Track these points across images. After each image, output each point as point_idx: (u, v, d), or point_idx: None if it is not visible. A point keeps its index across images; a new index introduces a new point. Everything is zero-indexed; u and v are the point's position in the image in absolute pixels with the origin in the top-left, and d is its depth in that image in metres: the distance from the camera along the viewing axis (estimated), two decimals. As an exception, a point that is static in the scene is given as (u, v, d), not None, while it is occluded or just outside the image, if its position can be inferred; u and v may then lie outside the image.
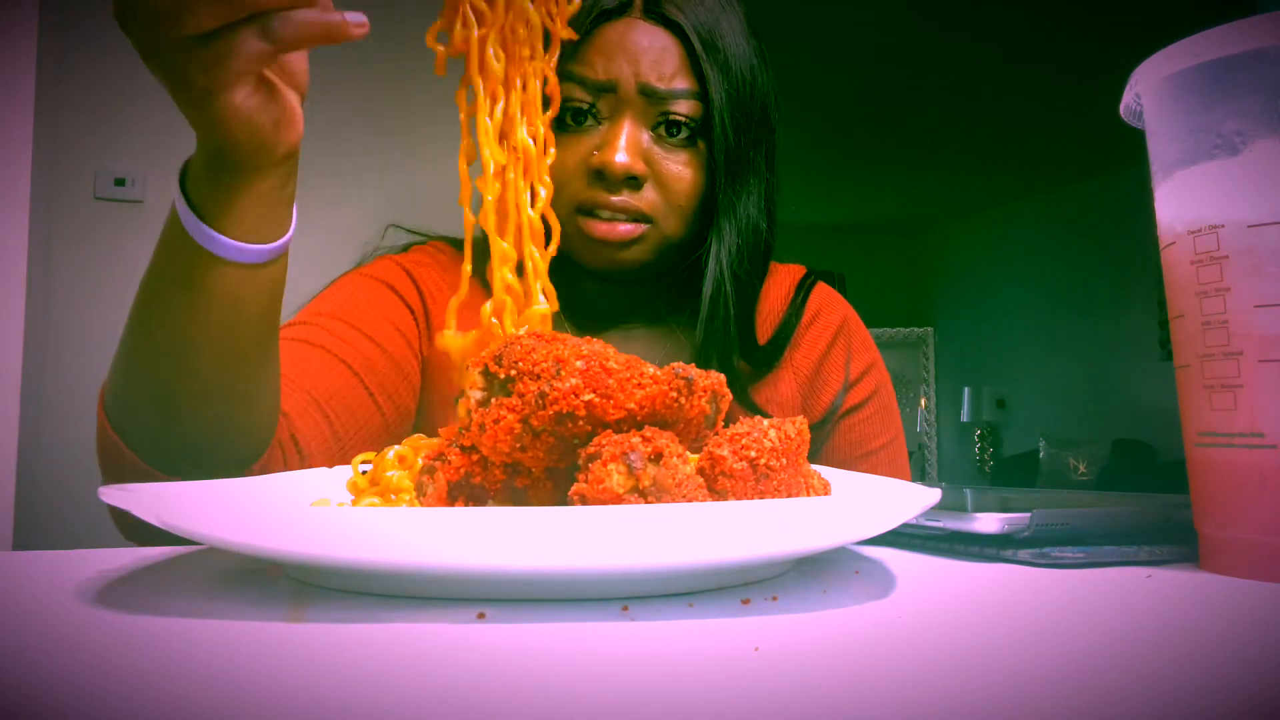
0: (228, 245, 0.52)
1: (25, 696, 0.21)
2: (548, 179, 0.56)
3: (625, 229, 0.72)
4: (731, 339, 0.77)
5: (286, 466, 0.62)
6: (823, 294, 0.89)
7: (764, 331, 0.83)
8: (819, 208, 6.38)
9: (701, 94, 0.73)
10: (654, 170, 0.73)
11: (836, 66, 4.12)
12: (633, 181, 0.72)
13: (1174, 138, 0.41)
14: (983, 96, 4.49)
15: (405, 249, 0.85)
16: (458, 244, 0.86)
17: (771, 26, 0.82)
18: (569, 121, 0.73)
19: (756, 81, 0.77)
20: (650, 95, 0.72)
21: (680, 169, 0.74)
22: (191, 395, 0.54)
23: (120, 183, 2.30)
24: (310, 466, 0.65)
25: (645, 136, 0.73)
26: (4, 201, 2.00)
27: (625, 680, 0.23)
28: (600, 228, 0.72)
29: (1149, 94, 0.43)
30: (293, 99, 0.51)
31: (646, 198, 0.73)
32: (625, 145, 0.71)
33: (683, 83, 0.73)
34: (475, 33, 0.54)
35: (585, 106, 0.73)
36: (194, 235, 0.52)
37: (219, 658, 0.25)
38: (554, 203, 0.69)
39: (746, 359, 0.79)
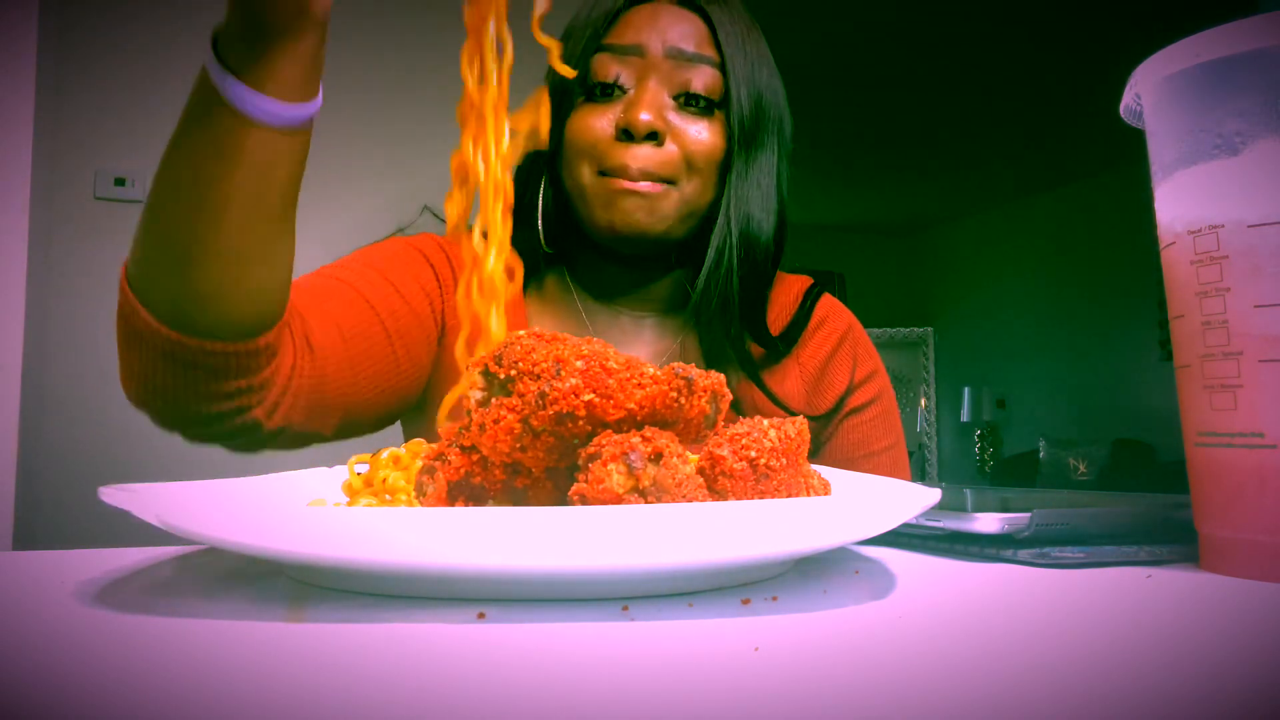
0: (260, 104, 0.53)
1: (25, 696, 0.21)
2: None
3: (647, 186, 0.75)
4: (734, 317, 0.80)
5: (296, 360, 0.64)
6: (829, 303, 0.92)
7: (773, 331, 0.86)
8: (819, 208, 6.38)
9: (722, 66, 0.78)
10: (675, 130, 0.77)
11: (836, 66, 4.12)
12: (654, 138, 0.76)
13: (1174, 138, 0.41)
14: (983, 96, 4.49)
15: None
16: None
17: (772, 26, 0.83)
18: (598, 94, 0.78)
19: (768, 79, 0.81)
20: (676, 57, 0.77)
21: (699, 131, 0.77)
22: (212, 252, 0.55)
23: (120, 182, 2.30)
24: (323, 370, 0.66)
25: (668, 102, 0.77)
26: (4, 201, 2.00)
27: (625, 680, 0.23)
28: (624, 184, 0.75)
29: (1149, 94, 0.43)
30: None
31: (668, 157, 0.76)
32: (648, 103, 0.75)
33: (704, 50, 0.78)
34: (500, 66, 0.56)
35: (611, 80, 0.77)
36: (229, 96, 0.53)
37: (219, 658, 0.25)
38: (579, 169, 0.78)
39: (758, 341, 0.82)
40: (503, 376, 0.37)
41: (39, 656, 0.25)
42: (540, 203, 0.81)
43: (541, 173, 0.81)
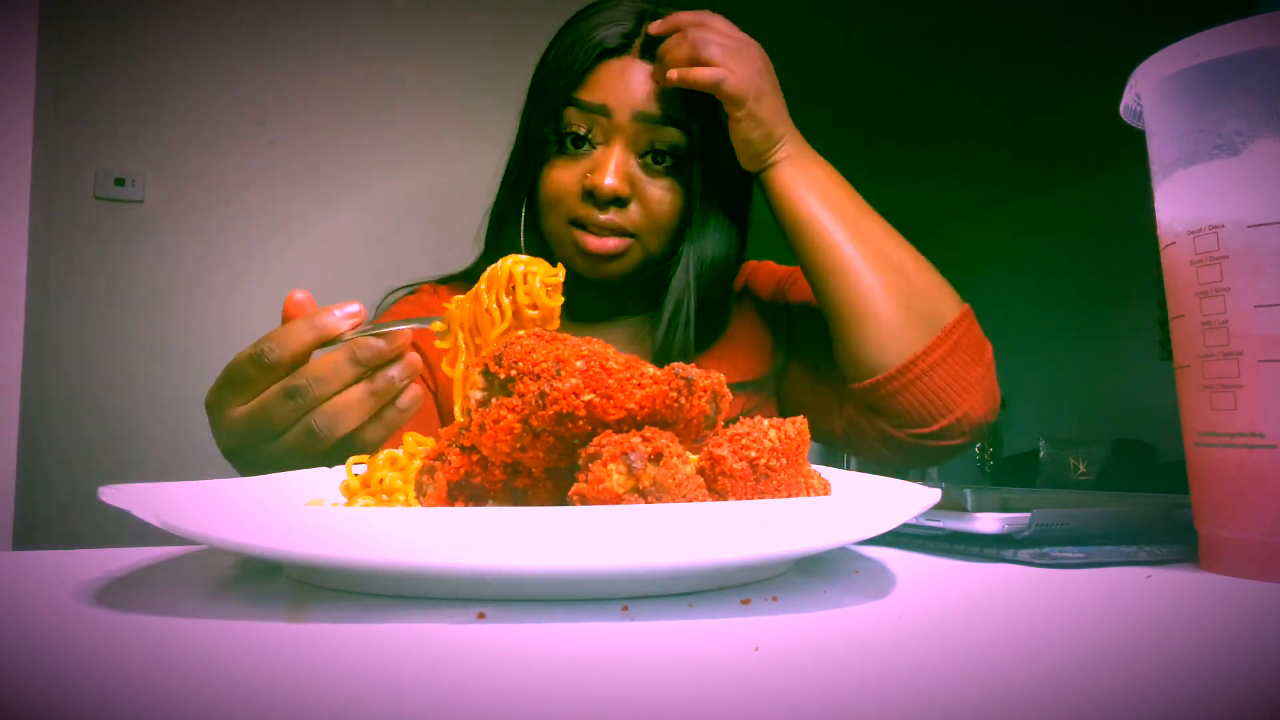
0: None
1: (25, 696, 0.21)
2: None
3: (613, 244, 0.80)
4: (689, 339, 0.84)
5: None
6: (769, 266, 0.97)
7: (749, 318, 0.92)
8: (819, 208, 6.36)
9: (689, 126, 0.80)
10: (639, 192, 0.81)
11: (836, 67, 4.12)
12: (619, 201, 0.80)
13: (1174, 138, 0.41)
14: (983, 96, 4.48)
15: (412, 290, 0.94)
16: (448, 279, 0.95)
17: (771, 27, 0.83)
18: (569, 146, 0.81)
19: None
20: (643, 119, 0.79)
21: (662, 194, 0.81)
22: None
23: (120, 183, 2.30)
24: None
25: (633, 162, 0.81)
26: (4, 201, 2.00)
27: (625, 680, 0.23)
28: (591, 241, 0.80)
29: (1149, 94, 0.43)
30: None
31: (631, 217, 0.81)
32: (614, 170, 0.79)
33: (674, 111, 0.80)
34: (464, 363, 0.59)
35: (583, 132, 0.80)
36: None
37: (219, 658, 0.25)
38: (550, 217, 0.83)
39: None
40: (503, 376, 0.37)
41: (39, 656, 0.25)
42: (522, 236, 0.86)
43: (519, 208, 0.86)
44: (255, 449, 0.55)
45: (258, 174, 2.36)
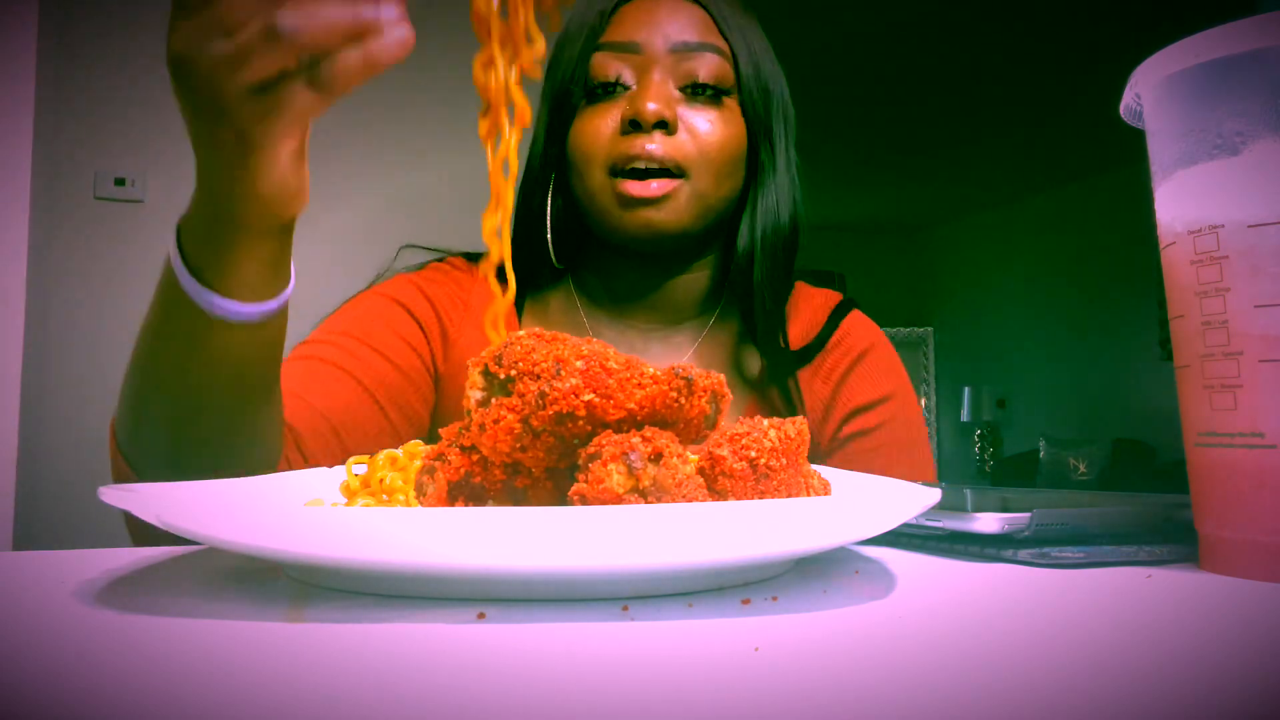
0: (229, 308, 0.52)
1: (25, 696, 0.21)
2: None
3: (658, 185, 0.72)
4: (778, 321, 0.78)
5: (290, 468, 0.63)
6: (855, 320, 0.87)
7: (793, 342, 0.83)
8: (819, 208, 6.37)
9: (728, 55, 0.76)
10: (686, 124, 0.74)
11: (836, 67, 4.12)
12: (664, 127, 0.73)
13: (1174, 138, 0.41)
14: (983, 96, 4.49)
15: (420, 267, 0.86)
16: (473, 258, 0.88)
17: (771, 27, 0.83)
18: (599, 94, 0.76)
19: (773, 70, 0.80)
20: (679, 50, 0.75)
21: (709, 122, 0.75)
22: (197, 433, 0.55)
23: (120, 183, 2.30)
24: (317, 464, 0.66)
25: (675, 93, 0.75)
26: (4, 201, 2.00)
27: (625, 680, 0.23)
28: (634, 186, 0.72)
29: (1149, 94, 0.43)
30: (306, 170, 0.52)
31: (679, 145, 0.73)
32: (654, 93, 0.73)
33: (711, 39, 0.75)
34: (508, 75, 0.52)
35: (614, 79, 0.75)
36: (194, 298, 0.52)
37: (219, 658, 0.25)
38: (587, 171, 0.75)
39: (772, 350, 0.79)
40: (503, 376, 0.37)
41: (39, 656, 0.25)
42: (549, 214, 0.79)
43: (548, 183, 0.79)
44: (198, 48, 0.45)
45: (258, 174, 2.36)
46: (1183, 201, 0.41)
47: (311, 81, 0.46)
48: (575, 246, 0.82)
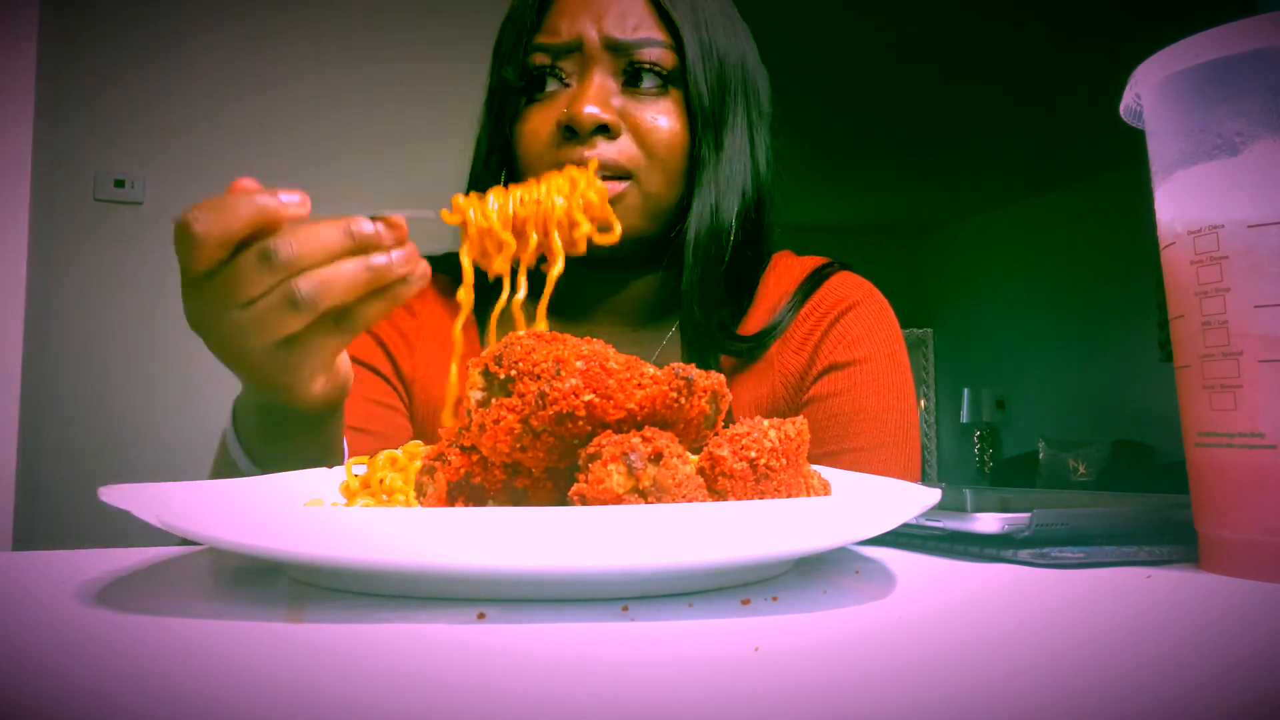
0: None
1: (25, 696, 0.21)
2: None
3: (606, 185, 0.66)
4: (714, 323, 0.73)
5: None
6: (840, 284, 0.80)
7: (760, 321, 0.78)
8: (819, 209, 6.38)
9: (671, 44, 0.71)
10: (628, 122, 0.70)
11: (836, 67, 4.12)
12: (605, 131, 0.69)
13: (1174, 138, 0.41)
14: (983, 97, 4.49)
15: None
16: (436, 260, 0.86)
17: (770, 27, 0.83)
18: (538, 93, 0.72)
19: (730, 40, 0.74)
20: (616, 48, 0.70)
21: (655, 119, 0.70)
22: None
23: (120, 184, 2.30)
24: None
25: (614, 88, 0.70)
26: (4, 203, 2.00)
27: (625, 680, 0.23)
28: None
29: (1149, 94, 0.43)
30: (346, 360, 0.55)
31: (624, 149, 0.69)
32: (593, 95, 0.69)
33: (649, 31, 0.71)
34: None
35: (549, 68, 0.71)
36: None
37: (219, 658, 0.25)
38: (530, 175, 0.68)
39: (726, 349, 0.74)
40: (503, 376, 0.37)
41: (39, 656, 0.25)
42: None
43: (499, 183, 0.75)
44: (218, 315, 0.47)
45: (258, 174, 2.36)
46: (1183, 201, 0.41)
47: (337, 328, 0.49)
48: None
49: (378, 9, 2.51)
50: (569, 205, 0.57)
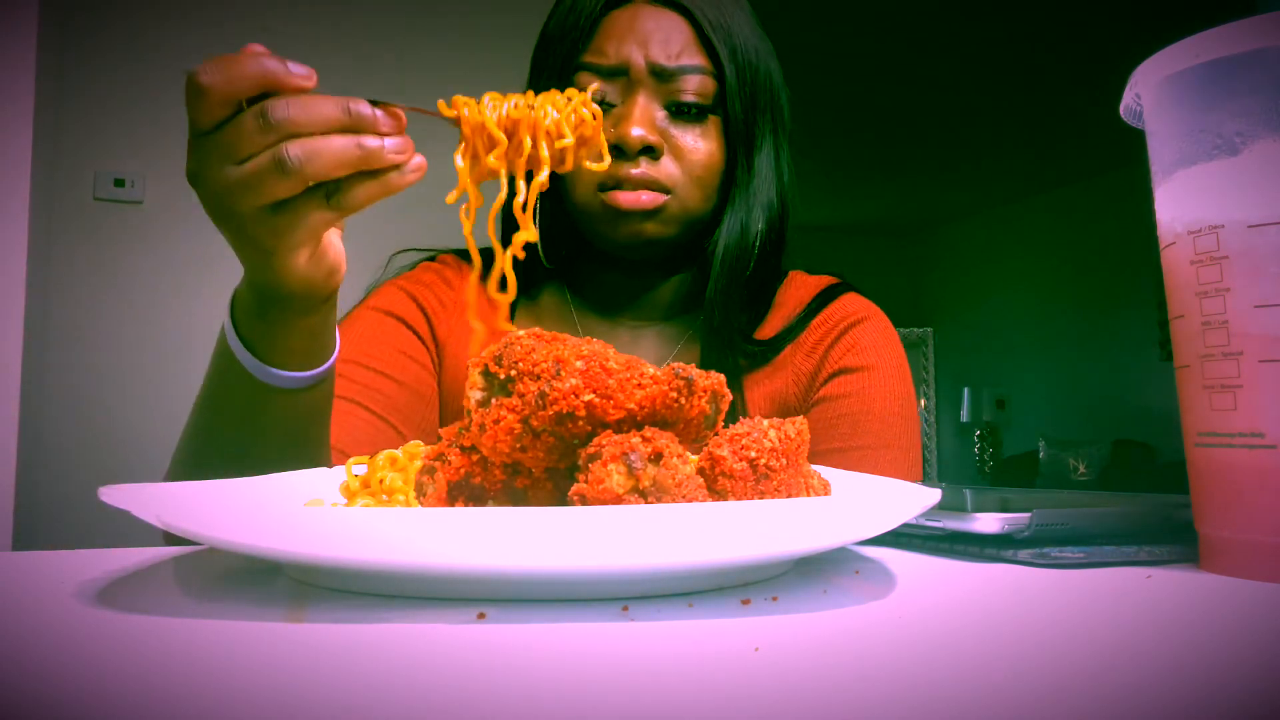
0: (282, 376, 0.57)
1: (25, 696, 0.21)
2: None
3: (648, 198, 0.74)
4: (734, 327, 0.78)
5: None
6: (849, 301, 0.86)
7: (773, 329, 0.84)
8: (819, 209, 6.38)
9: (712, 71, 0.76)
10: (670, 144, 0.75)
11: (835, 67, 4.12)
12: (650, 152, 0.74)
13: (1174, 138, 0.41)
14: (983, 97, 4.49)
15: (412, 267, 0.88)
16: (464, 255, 0.89)
17: (770, 27, 0.83)
18: None
19: (761, 61, 0.79)
20: (660, 74, 0.75)
21: (695, 141, 0.76)
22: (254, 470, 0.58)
23: (120, 184, 2.30)
24: None
25: (660, 114, 0.75)
26: (4, 203, 2.00)
27: (625, 680, 0.23)
28: (624, 198, 0.74)
29: (1149, 94, 0.43)
30: (339, 244, 0.57)
31: (665, 169, 0.75)
32: (639, 118, 0.74)
33: (691, 59, 0.75)
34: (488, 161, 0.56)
35: (599, 99, 0.74)
36: (247, 367, 0.57)
37: (219, 658, 0.25)
38: (576, 189, 0.76)
39: (742, 351, 0.80)
40: (503, 377, 0.37)
41: (39, 656, 0.25)
42: (538, 218, 0.77)
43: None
44: (212, 171, 0.48)
45: (258, 174, 2.35)
46: (1183, 202, 0.41)
47: (329, 202, 0.50)
48: (566, 249, 0.83)
49: (379, 9, 2.51)
50: (560, 118, 0.56)
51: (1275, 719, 0.20)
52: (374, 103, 0.49)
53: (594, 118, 0.58)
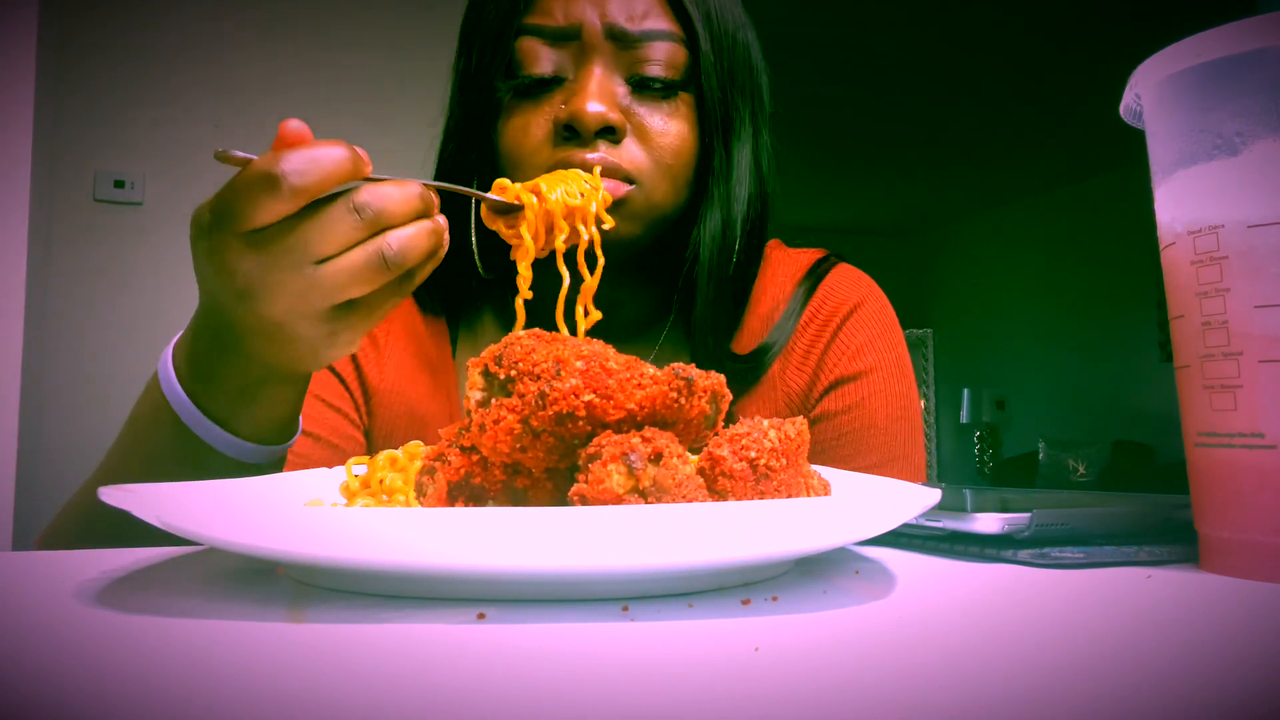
0: (241, 446, 0.51)
1: (25, 696, 0.21)
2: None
3: (609, 188, 0.60)
4: (725, 349, 0.69)
5: None
6: (839, 283, 0.75)
7: (756, 330, 0.74)
8: (818, 209, 6.38)
9: (683, 38, 0.64)
10: (634, 123, 0.63)
11: (835, 67, 4.12)
12: (609, 134, 0.62)
13: (1174, 138, 0.41)
14: (982, 97, 4.49)
15: None
16: None
17: (768, 26, 0.82)
18: (529, 87, 0.64)
19: (742, 38, 0.69)
20: (620, 38, 0.63)
21: (664, 122, 0.64)
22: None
23: (119, 185, 2.30)
24: None
25: (620, 89, 0.63)
26: (4, 203, 2.00)
27: (625, 681, 0.23)
28: None
29: (1149, 94, 0.43)
30: None
31: (629, 154, 0.63)
32: (596, 91, 0.61)
33: (658, 22, 0.64)
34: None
35: (548, 73, 0.63)
36: (204, 436, 0.51)
37: (219, 658, 0.25)
38: (517, 176, 0.63)
39: (729, 370, 0.69)
40: (503, 377, 0.37)
41: (39, 656, 0.25)
42: (473, 219, 0.67)
43: (470, 185, 0.68)
44: (282, 274, 0.44)
45: (257, 175, 2.35)
46: (1183, 202, 0.41)
47: (398, 288, 0.48)
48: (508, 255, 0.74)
49: (380, 11, 2.51)
50: (588, 202, 0.56)
51: (1275, 719, 0.20)
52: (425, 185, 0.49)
53: (600, 206, 0.57)
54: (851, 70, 4.18)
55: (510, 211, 0.55)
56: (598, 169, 0.60)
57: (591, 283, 0.56)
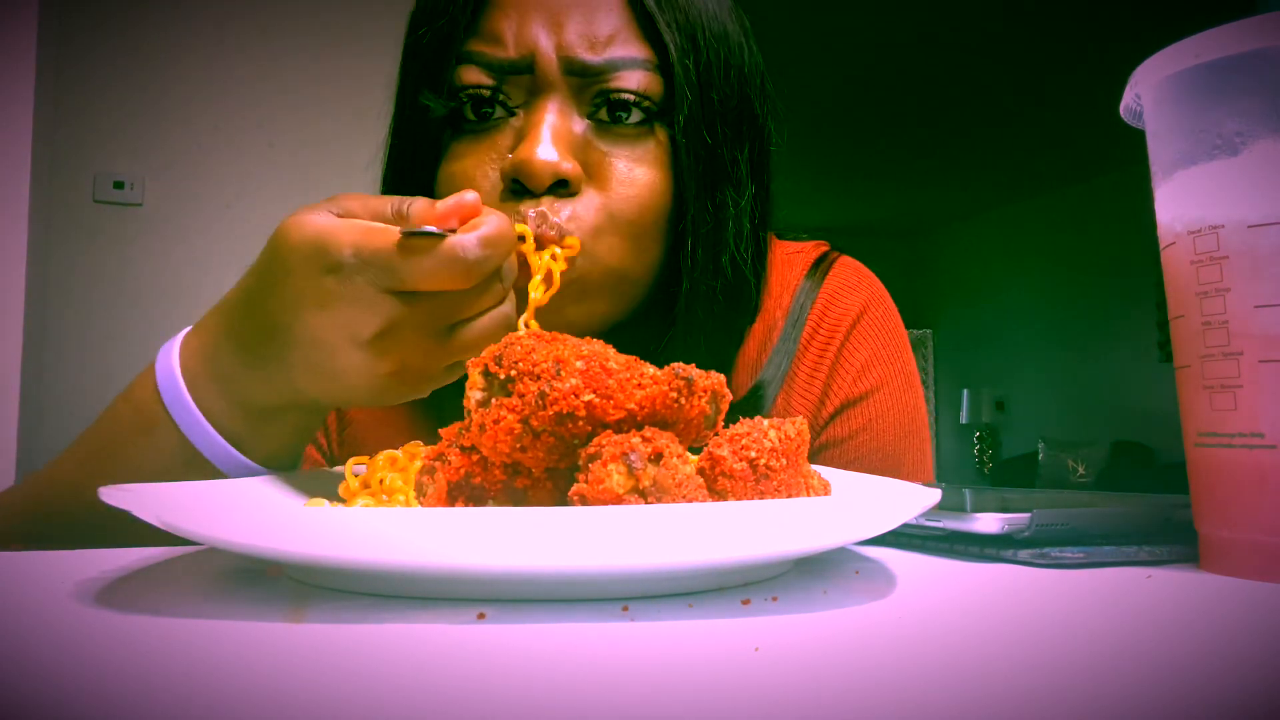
0: (243, 463, 0.49)
1: (25, 696, 0.21)
2: None
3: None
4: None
5: None
6: (839, 286, 0.69)
7: (755, 349, 0.67)
8: (817, 210, 6.38)
9: (656, 64, 0.53)
10: (594, 170, 0.53)
11: (834, 67, 4.13)
12: (563, 185, 0.52)
13: (1174, 138, 0.41)
14: (983, 97, 4.49)
15: None
16: None
17: (766, 26, 0.81)
18: (469, 117, 0.54)
19: (734, 56, 0.57)
20: (580, 72, 0.52)
21: (629, 168, 0.53)
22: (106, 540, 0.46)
23: (119, 186, 2.30)
24: None
25: (579, 124, 0.53)
26: (3, 205, 2.01)
27: (625, 681, 0.23)
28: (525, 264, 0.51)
29: (1149, 94, 0.43)
30: None
31: (584, 212, 0.52)
32: (550, 134, 0.51)
33: (626, 49, 0.53)
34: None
35: (488, 94, 0.53)
36: (205, 450, 0.48)
37: (219, 658, 0.25)
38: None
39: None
40: (503, 376, 0.37)
41: (39, 656, 0.25)
42: None
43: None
44: (421, 335, 0.43)
45: (257, 177, 2.36)
46: (1183, 202, 0.41)
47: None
48: None
49: (379, 12, 2.51)
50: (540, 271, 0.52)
51: (1275, 719, 0.20)
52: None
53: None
54: (851, 70, 4.18)
55: None
56: (531, 239, 0.51)
57: (541, 299, 0.50)
